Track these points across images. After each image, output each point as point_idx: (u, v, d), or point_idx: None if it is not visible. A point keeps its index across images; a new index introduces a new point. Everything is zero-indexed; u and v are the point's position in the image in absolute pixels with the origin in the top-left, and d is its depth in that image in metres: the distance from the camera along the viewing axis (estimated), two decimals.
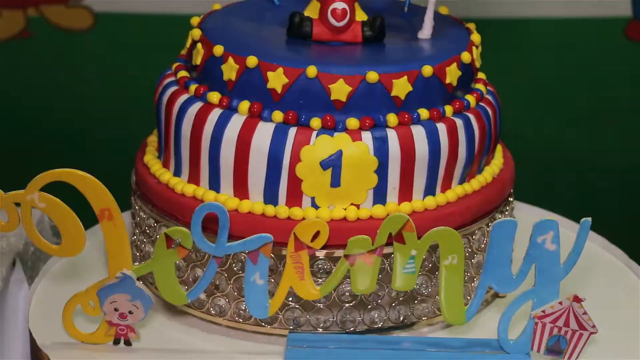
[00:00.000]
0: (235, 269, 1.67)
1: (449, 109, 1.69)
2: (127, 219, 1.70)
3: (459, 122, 1.69)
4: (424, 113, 1.66)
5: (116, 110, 2.75)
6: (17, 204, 1.59)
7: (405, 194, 1.67)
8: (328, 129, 1.63)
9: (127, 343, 1.66)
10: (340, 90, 1.63)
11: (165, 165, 1.77)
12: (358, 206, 1.66)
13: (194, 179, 1.71)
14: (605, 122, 2.77)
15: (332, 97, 1.63)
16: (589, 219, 1.60)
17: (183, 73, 1.75)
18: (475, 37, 1.77)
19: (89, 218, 1.63)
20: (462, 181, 1.73)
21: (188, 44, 1.78)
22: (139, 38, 2.74)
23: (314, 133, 1.63)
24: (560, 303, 1.61)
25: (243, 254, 1.63)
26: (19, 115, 2.78)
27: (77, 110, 2.77)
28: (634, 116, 2.77)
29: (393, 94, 1.64)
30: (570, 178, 2.78)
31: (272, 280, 1.65)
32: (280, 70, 1.63)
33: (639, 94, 2.76)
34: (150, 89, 1.83)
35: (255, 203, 1.66)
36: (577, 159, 2.77)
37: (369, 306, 1.68)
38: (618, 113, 2.77)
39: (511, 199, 1.85)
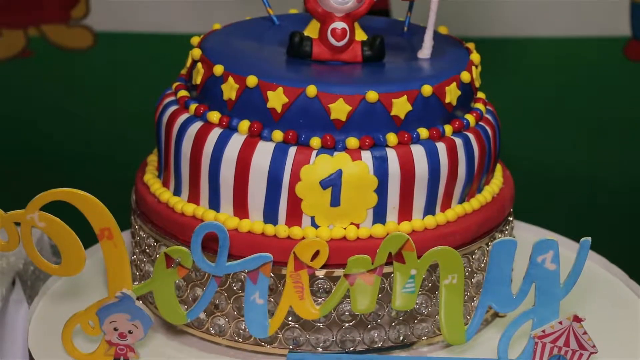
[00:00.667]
0: (235, 288, 1.67)
1: (448, 129, 1.69)
2: (126, 238, 1.70)
3: (458, 141, 1.69)
4: (423, 132, 1.67)
5: (116, 130, 2.76)
6: (17, 224, 1.59)
7: (405, 213, 1.67)
8: (328, 148, 1.64)
9: None
10: (340, 109, 1.63)
11: (165, 184, 1.77)
12: (358, 225, 1.66)
13: (193, 198, 1.71)
14: (604, 141, 2.78)
15: (332, 117, 1.63)
16: (589, 238, 1.60)
17: (183, 92, 1.75)
18: (475, 57, 1.77)
19: (88, 237, 1.63)
20: (461, 200, 1.73)
21: (188, 63, 1.78)
22: (139, 57, 2.75)
23: (314, 152, 1.63)
24: (560, 323, 1.61)
25: (243, 274, 1.63)
26: (19, 134, 2.78)
27: (77, 129, 2.78)
28: (634, 135, 2.77)
29: (393, 113, 1.65)
30: (570, 197, 2.78)
31: (272, 299, 1.65)
32: (280, 89, 1.63)
33: (638, 112, 2.76)
34: (150, 108, 1.84)
35: (255, 222, 1.66)
36: (576, 178, 2.77)
37: (369, 326, 1.68)
38: (617, 132, 2.77)
39: (511, 219, 1.85)
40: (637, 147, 2.77)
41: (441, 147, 1.67)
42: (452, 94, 1.69)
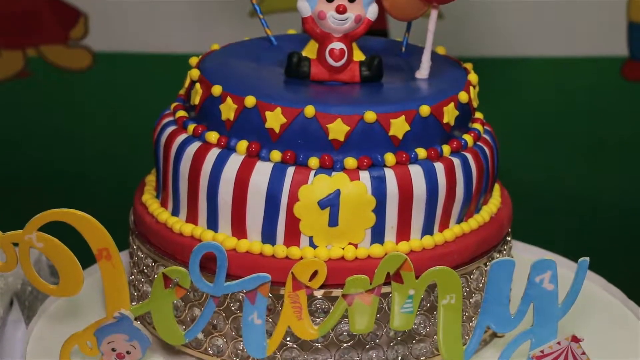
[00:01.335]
0: (233, 308, 1.67)
1: (446, 149, 1.69)
2: (125, 258, 1.70)
3: (456, 161, 1.69)
4: (421, 152, 1.67)
5: (115, 150, 2.76)
6: (15, 244, 1.59)
7: (403, 233, 1.67)
8: (326, 168, 1.64)
9: None
10: (338, 129, 1.63)
11: (164, 204, 1.77)
12: (356, 245, 1.66)
13: (192, 218, 1.71)
14: (602, 160, 2.78)
15: (330, 137, 1.63)
16: (587, 258, 1.60)
17: (181, 113, 1.76)
18: (473, 77, 1.78)
19: (87, 257, 1.63)
20: (459, 220, 1.73)
21: (187, 83, 1.78)
22: (138, 77, 2.75)
23: (312, 172, 1.63)
24: (559, 343, 1.61)
25: (241, 294, 1.63)
26: (18, 154, 2.78)
27: (76, 150, 2.78)
28: (631, 155, 2.77)
29: (391, 133, 1.65)
30: (568, 217, 2.78)
31: (270, 319, 1.64)
32: (279, 110, 1.64)
33: (636, 133, 2.76)
34: (148, 128, 1.84)
35: (253, 242, 1.66)
36: (575, 198, 2.78)
37: (367, 346, 1.68)
38: (615, 152, 2.78)
39: (509, 238, 1.85)
40: (634, 166, 2.78)
41: (439, 167, 1.67)
42: (450, 114, 1.69)
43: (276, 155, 1.64)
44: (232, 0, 2.65)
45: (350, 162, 1.63)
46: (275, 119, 1.64)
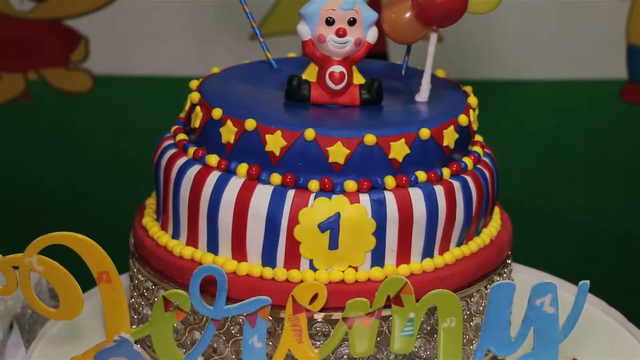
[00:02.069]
0: (233, 331, 1.67)
1: (446, 172, 1.69)
2: (125, 281, 1.70)
3: (456, 184, 1.70)
4: (421, 175, 1.67)
5: (115, 173, 2.76)
6: (15, 267, 1.59)
7: (403, 256, 1.67)
8: (326, 191, 1.64)
9: None
10: (338, 152, 1.63)
11: (164, 227, 1.77)
12: (356, 268, 1.66)
13: (192, 241, 1.71)
14: (602, 183, 2.78)
15: (330, 160, 1.64)
16: (587, 282, 1.60)
17: (182, 136, 1.76)
18: (472, 100, 1.78)
19: (86, 280, 1.63)
20: (459, 243, 1.73)
21: (187, 107, 1.79)
22: (138, 100, 2.76)
23: (312, 195, 1.64)
24: None
25: (241, 317, 1.63)
26: (18, 177, 2.79)
27: (76, 172, 2.78)
28: (631, 178, 2.78)
29: (391, 156, 1.65)
30: (568, 240, 2.78)
31: (270, 343, 1.64)
32: (279, 133, 1.64)
33: (635, 155, 2.77)
34: (149, 151, 1.84)
35: (253, 265, 1.66)
36: (574, 220, 2.78)
37: None
38: (615, 174, 2.78)
39: (509, 261, 1.85)
40: (634, 189, 2.78)
41: (439, 190, 1.67)
42: (449, 137, 1.69)
43: (276, 178, 1.64)
44: (233, 23, 2.66)
45: (350, 185, 1.64)
46: (275, 142, 1.64)
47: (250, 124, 1.65)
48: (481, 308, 1.74)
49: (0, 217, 2.76)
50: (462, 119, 1.72)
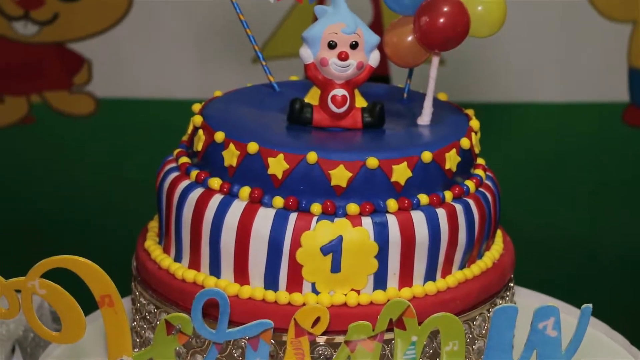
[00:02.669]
0: (235, 355, 1.66)
1: (448, 195, 1.69)
2: (127, 305, 1.70)
3: (458, 207, 1.70)
4: (423, 198, 1.67)
5: (117, 196, 2.76)
6: (18, 290, 1.59)
7: (406, 279, 1.67)
8: (328, 214, 1.64)
9: None
10: (340, 176, 1.64)
11: (166, 251, 1.77)
12: (358, 292, 1.65)
13: (194, 264, 1.71)
14: (605, 206, 2.78)
15: (333, 183, 1.64)
16: (590, 305, 1.60)
17: (184, 159, 1.76)
18: (474, 123, 1.78)
19: (89, 303, 1.63)
20: (462, 266, 1.73)
21: (189, 130, 1.79)
22: (141, 123, 2.77)
23: (315, 218, 1.64)
24: None
25: (243, 340, 1.63)
26: (21, 200, 2.79)
27: (78, 195, 2.79)
28: (633, 201, 2.78)
29: (393, 179, 1.65)
30: (571, 263, 2.77)
31: None
32: (281, 156, 1.64)
33: (637, 178, 2.77)
34: (151, 174, 1.84)
35: (255, 289, 1.66)
36: (577, 244, 2.78)
37: None
38: (617, 197, 2.78)
39: (512, 284, 1.84)
40: (637, 212, 2.78)
41: (441, 213, 1.67)
42: (451, 160, 1.69)
43: (279, 201, 1.64)
44: (235, 46, 2.67)
45: (353, 208, 1.64)
46: (277, 165, 1.64)
47: (252, 147, 1.65)
48: (484, 331, 1.74)
49: (2, 240, 2.76)
50: (464, 142, 1.72)
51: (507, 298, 1.81)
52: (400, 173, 1.65)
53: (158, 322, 1.64)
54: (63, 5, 2.72)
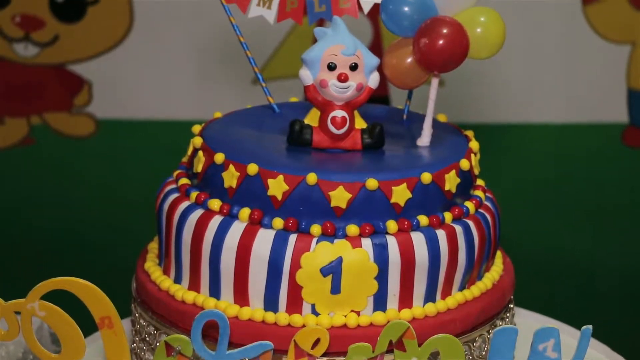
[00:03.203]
0: None
1: (448, 216, 1.69)
2: (127, 326, 1.70)
3: (458, 228, 1.70)
4: (423, 220, 1.67)
5: (117, 217, 2.76)
6: (17, 312, 1.58)
7: (406, 300, 1.67)
8: (328, 235, 1.64)
9: None
10: (340, 197, 1.64)
11: (166, 272, 1.77)
12: (358, 313, 1.65)
13: (194, 286, 1.71)
14: (604, 227, 2.78)
15: (332, 204, 1.64)
16: (590, 327, 1.60)
17: (184, 180, 1.76)
18: (474, 145, 1.78)
19: (88, 324, 1.62)
20: (462, 288, 1.73)
21: (189, 151, 1.79)
22: (141, 144, 2.77)
23: (314, 240, 1.64)
24: None
25: None
26: (20, 221, 2.79)
27: (78, 216, 2.79)
28: (633, 222, 2.78)
29: (392, 200, 1.65)
30: (571, 283, 2.77)
31: None
32: (281, 177, 1.64)
33: (636, 199, 2.77)
34: (151, 195, 1.85)
35: (255, 310, 1.66)
36: (577, 264, 2.77)
37: None
38: (617, 218, 2.78)
39: (511, 306, 1.84)
40: (636, 233, 2.77)
41: (441, 234, 1.67)
42: (451, 181, 1.69)
43: (278, 222, 1.64)
44: (235, 68, 2.67)
45: (352, 229, 1.64)
46: (277, 187, 1.64)
47: (252, 168, 1.65)
48: (484, 353, 1.74)
49: (1, 261, 2.76)
50: (464, 164, 1.72)
51: (507, 319, 1.81)
52: (400, 194, 1.65)
53: (158, 344, 1.64)
54: (63, 27, 2.73)
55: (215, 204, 1.68)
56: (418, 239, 1.66)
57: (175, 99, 2.75)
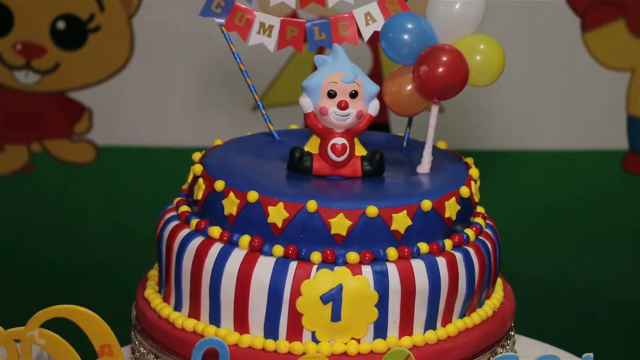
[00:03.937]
0: None
1: (448, 243, 1.69)
2: (126, 354, 1.69)
3: (458, 256, 1.70)
4: (423, 247, 1.67)
5: (117, 244, 2.76)
6: (17, 340, 1.58)
7: (406, 328, 1.67)
8: (328, 263, 1.64)
9: None
10: (340, 224, 1.64)
11: (166, 299, 1.77)
12: (359, 340, 1.65)
13: (194, 313, 1.71)
14: (605, 254, 2.78)
15: (332, 232, 1.64)
16: (591, 354, 1.59)
17: (184, 208, 1.76)
18: (474, 172, 1.79)
19: (88, 352, 1.62)
20: (462, 315, 1.73)
21: (190, 179, 1.79)
22: (141, 171, 2.77)
23: (314, 267, 1.63)
24: None
25: None
26: (20, 248, 2.79)
27: (78, 243, 2.78)
28: (634, 248, 2.77)
29: (393, 228, 1.65)
30: (572, 311, 2.77)
31: None
32: (281, 205, 1.64)
33: (637, 226, 2.77)
34: (151, 222, 1.85)
35: (255, 337, 1.65)
36: (578, 291, 2.77)
37: None
38: (618, 245, 2.78)
39: (512, 333, 1.84)
40: (637, 259, 2.77)
41: (441, 261, 1.67)
42: (451, 208, 1.69)
43: (278, 250, 1.64)
44: (235, 95, 2.68)
45: (353, 256, 1.64)
46: (277, 214, 1.64)
47: (252, 195, 1.65)
48: None
49: (1, 288, 2.76)
50: (464, 191, 1.72)
51: (508, 347, 1.81)
52: (400, 221, 1.65)
53: None
54: (64, 55, 2.74)
55: (215, 231, 1.68)
56: (418, 266, 1.66)
57: (176, 126, 2.76)
